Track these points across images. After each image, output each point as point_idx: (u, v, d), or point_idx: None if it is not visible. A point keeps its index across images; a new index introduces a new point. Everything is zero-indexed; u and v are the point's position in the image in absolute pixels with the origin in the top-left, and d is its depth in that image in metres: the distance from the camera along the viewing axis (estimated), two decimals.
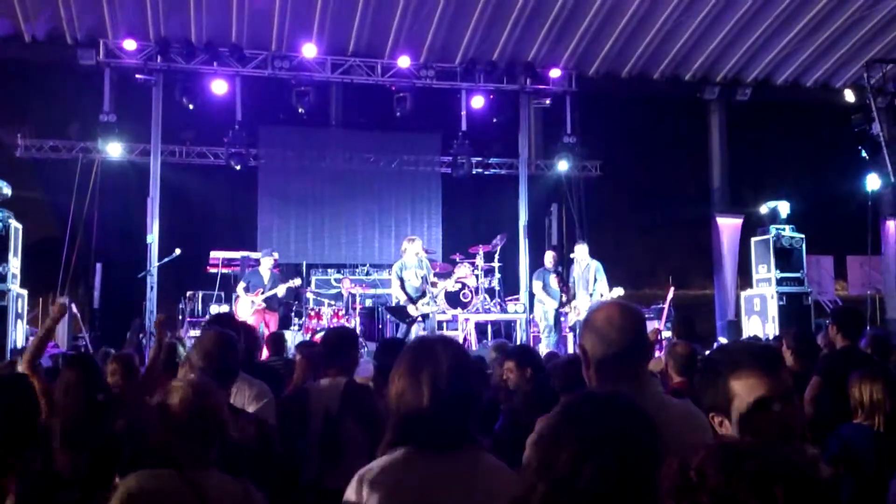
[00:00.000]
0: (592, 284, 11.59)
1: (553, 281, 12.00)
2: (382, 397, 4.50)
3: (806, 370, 5.15)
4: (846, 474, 3.33)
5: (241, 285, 12.04)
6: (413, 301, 10.93)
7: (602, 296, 11.35)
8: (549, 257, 12.34)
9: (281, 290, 12.00)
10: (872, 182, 14.24)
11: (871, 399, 3.58)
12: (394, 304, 11.61)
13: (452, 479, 2.15)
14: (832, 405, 4.39)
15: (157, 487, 2.46)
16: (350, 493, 2.20)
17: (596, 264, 11.78)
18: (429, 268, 11.24)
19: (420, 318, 10.94)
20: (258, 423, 3.65)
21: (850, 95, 14.53)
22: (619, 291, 11.30)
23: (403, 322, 11.20)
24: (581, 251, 11.93)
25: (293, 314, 13.47)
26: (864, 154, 13.94)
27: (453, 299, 12.96)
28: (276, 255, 12.68)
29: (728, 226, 16.05)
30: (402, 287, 11.00)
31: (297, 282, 12.41)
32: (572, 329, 11.78)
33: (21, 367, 4.34)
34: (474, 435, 2.27)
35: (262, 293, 11.80)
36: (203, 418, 2.60)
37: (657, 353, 7.81)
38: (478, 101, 15.17)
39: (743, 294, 14.43)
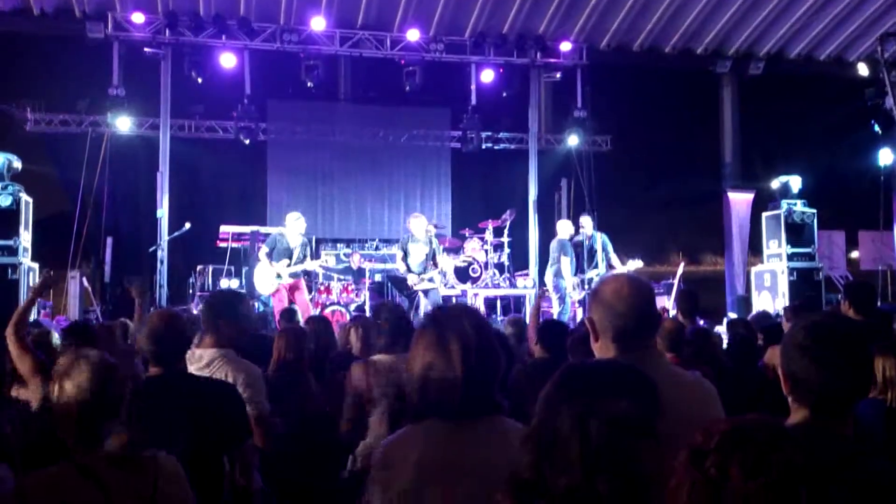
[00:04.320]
0: (602, 257, 11.53)
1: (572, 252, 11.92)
2: None
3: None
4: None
5: (264, 249, 10.61)
6: (414, 273, 10.90)
7: (613, 268, 11.29)
8: (568, 227, 12.10)
9: (312, 266, 10.95)
10: (885, 156, 14.12)
11: (883, 374, 3.57)
12: (398, 275, 11.57)
13: (479, 445, 2.15)
14: None
15: (46, 481, 2.38)
16: (376, 461, 2.22)
17: (602, 236, 11.72)
18: (437, 247, 11.15)
19: (423, 293, 10.92)
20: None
21: (863, 69, 14.40)
22: (637, 264, 11.22)
23: (402, 294, 11.19)
24: (586, 223, 11.86)
25: None
26: (876, 128, 13.83)
27: (462, 274, 12.97)
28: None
29: (739, 201, 15.95)
30: (405, 259, 10.97)
31: (330, 260, 11.65)
32: (581, 303, 11.75)
33: (8, 338, 4.31)
34: (499, 402, 2.27)
35: (290, 265, 10.47)
36: (97, 397, 2.49)
37: None
38: (487, 75, 15.07)
39: (753, 269, 14.38)
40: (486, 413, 2.21)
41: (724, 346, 6.57)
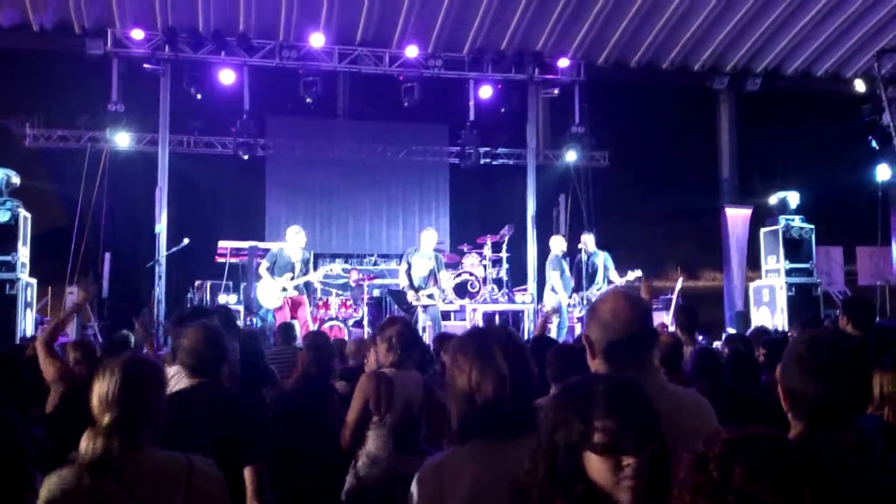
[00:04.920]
0: (603, 274, 11.54)
1: (568, 268, 11.93)
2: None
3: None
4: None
5: (265, 264, 10.65)
6: (414, 289, 10.86)
7: (610, 283, 11.31)
8: (561, 243, 12.17)
9: (315, 277, 11.04)
10: (882, 172, 14.16)
11: (881, 390, 3.56)
12: (397, 289, 11.55)
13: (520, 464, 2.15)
14: None
15: (77, 485, 2.35)
16: (423, 482, 2.19)
17: (605, 254, 11.74)
18: (440, 264, 11.12)
19: (423, 308, 10.89)
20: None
21: (860, 85, 14.46)
22: (636, 273, 11.25)
23: (401, 308, 11.17)
24: (589, 241, 11.88)
25: None
26: (874, 144, 13.86)
27: (461, 289, 12.96)
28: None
29: (737, 216, 15.98)
30: (408, 271, 10.93)
31: (334, 268, 11.64)
32: (581, 320, 11.74)
33: (37, 345, 4.37)
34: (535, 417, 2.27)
35: (293, 278, 10.53)
36: (131, 397, 2.47)
37: None
38: (486, 91, 15.13)
39: (752, 285, 14.38)
40: (529, 430, 2.19)
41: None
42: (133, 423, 2.47)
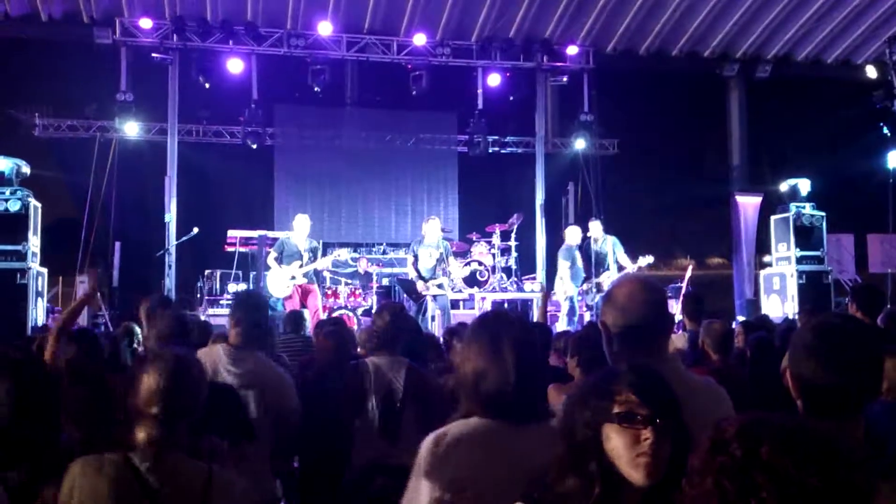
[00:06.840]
0: (613, 259, 11.51)
1: (580, 259, 11.89)
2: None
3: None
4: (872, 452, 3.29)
5: (272, 255, 10.67)
6: (423, 279, 10.86)
7: (623, 269, 11.28)
8: (576, 233, 12.09)
9: (324, 263, 11.10)
10: (894, 159, 14.07)
11: (894, 376, 3.53)
12: (406, 278, 11.54)
13: (528, 447, 2.17)
14: None
15: (100, 475, 2.34)
16: (426, 453, 2.21)
17: (612, 239, 11.69)
18: (447, 251, 11.09)
19: (433, 298, 10.89)
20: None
21: (871, 72, 14.37)
22: (648, 259, 11.23)
23: (411, 297, 11.16)
24: (596, 228, 11.83)
25: None
26: (885, 131, 13.78)
27: (470, 278, 12.95)
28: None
29: (747, 204, 15.90)
30: (415, 264, 10.94)
31: (342, 254, 11.64)
32: (590, 308, 11.73)
33: (51, 334, 4.35)
34: (547, 407, 2.32)
35: (301, 266, 10.51)
36: (176, 392, 2.46)
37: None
38: (494, 79, 15.08)
39: (762, 273, 14.32)
40: (536, 418, 2.25)
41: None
42: (174, 419, 2.46)
